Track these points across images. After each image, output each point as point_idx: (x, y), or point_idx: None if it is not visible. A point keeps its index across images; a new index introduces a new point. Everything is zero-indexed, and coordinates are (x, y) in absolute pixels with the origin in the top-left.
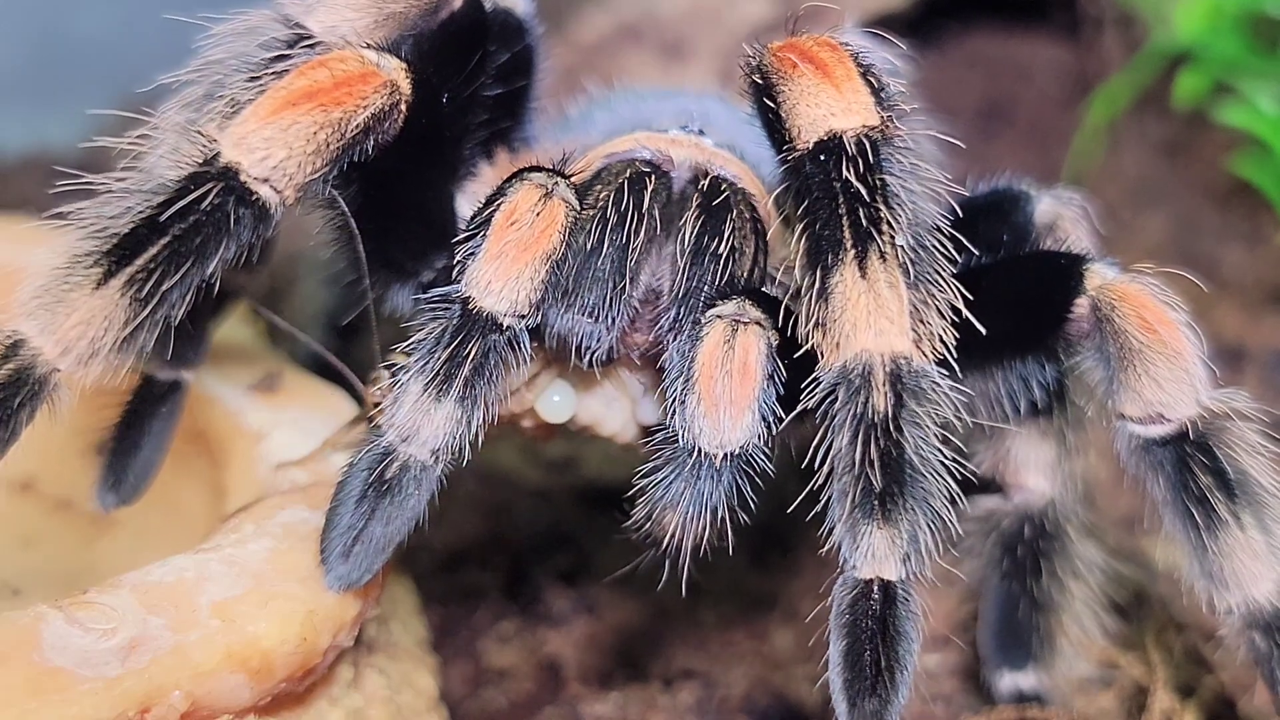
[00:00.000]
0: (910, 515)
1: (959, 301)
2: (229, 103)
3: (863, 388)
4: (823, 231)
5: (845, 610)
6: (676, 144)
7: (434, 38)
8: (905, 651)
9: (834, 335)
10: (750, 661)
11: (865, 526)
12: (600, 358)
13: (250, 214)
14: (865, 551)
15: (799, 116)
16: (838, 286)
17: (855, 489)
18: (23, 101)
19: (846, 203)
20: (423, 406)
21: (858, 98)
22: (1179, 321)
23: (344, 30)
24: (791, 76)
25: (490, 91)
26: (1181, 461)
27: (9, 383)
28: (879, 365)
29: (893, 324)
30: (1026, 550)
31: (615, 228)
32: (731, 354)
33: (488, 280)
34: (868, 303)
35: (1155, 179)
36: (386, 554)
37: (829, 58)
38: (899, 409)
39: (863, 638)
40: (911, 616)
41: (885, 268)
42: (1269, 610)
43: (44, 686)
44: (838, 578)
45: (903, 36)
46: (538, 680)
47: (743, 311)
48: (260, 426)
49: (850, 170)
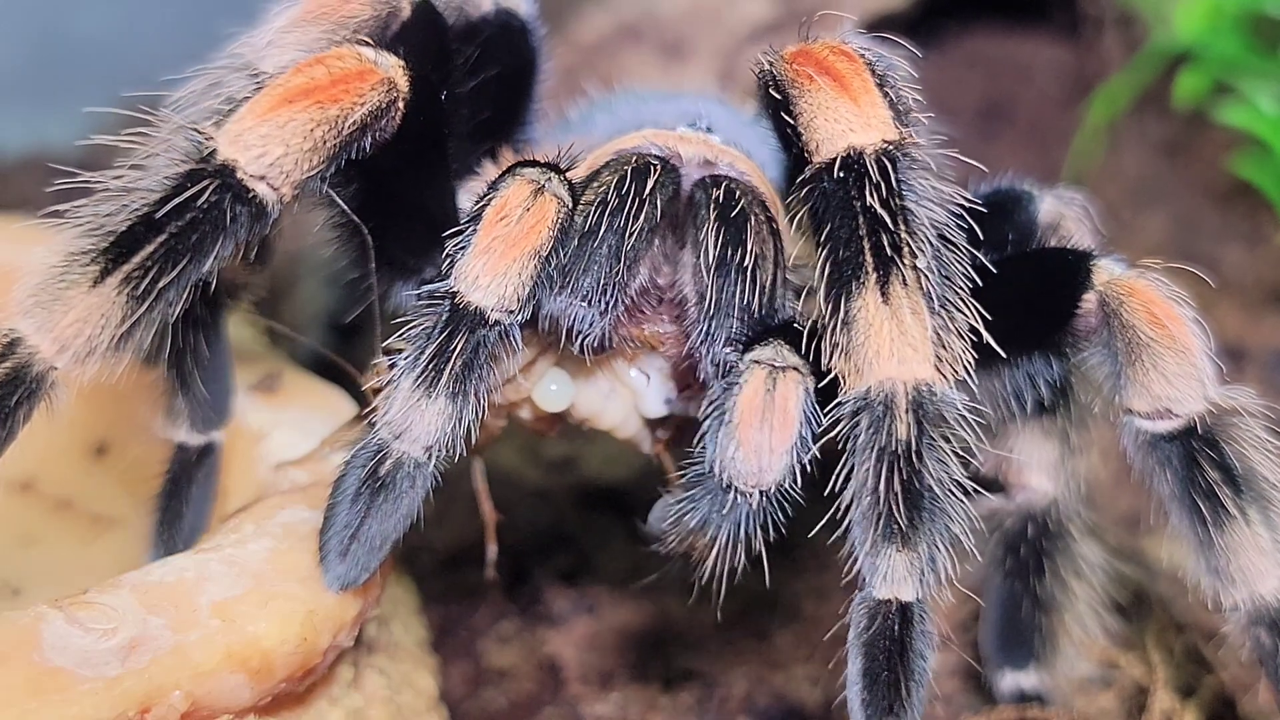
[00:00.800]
0: (929, 538)
1: (979, 323)
2: (226, 100)
3: (885, 415)
4: (843, 255)
5: (864, 630)
6: (685, 141)
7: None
8: (921, 670)
9: (856, 361)
10: (750, 661)
11: (885, 549)
12: (592, 344)
13: (247, 212)
14: (885, 574)
15: (816, 131)
16: (860, 313)
17: (877, 515)
18: (22, 101)
19: (867, 225)
20: (414, 403)
21: (876, 111)
22: (1186, 317)
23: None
24: (808, 89)
25: (492, 90)
26: (1189, 456)
27: (6, 381)
28: (902, 393)
29: (916, 351)
30: (1029, 550)
31: (614, 211)
32: (771, 403)
33: (476, 275)
34: (891, 330)
35: (1155, 179)
36: (384, 552)
37: (846, 69)
38: (921, 437)
39: (880, 658)
40: (927, 636)
41: (908, 293)
42: (1275, 607)
43: (44, 686)
44: (855, 596)
45: (903, 36)
46: (538, 680)
47: (780, 356)
48: (260, 426)
49: (872, 194)
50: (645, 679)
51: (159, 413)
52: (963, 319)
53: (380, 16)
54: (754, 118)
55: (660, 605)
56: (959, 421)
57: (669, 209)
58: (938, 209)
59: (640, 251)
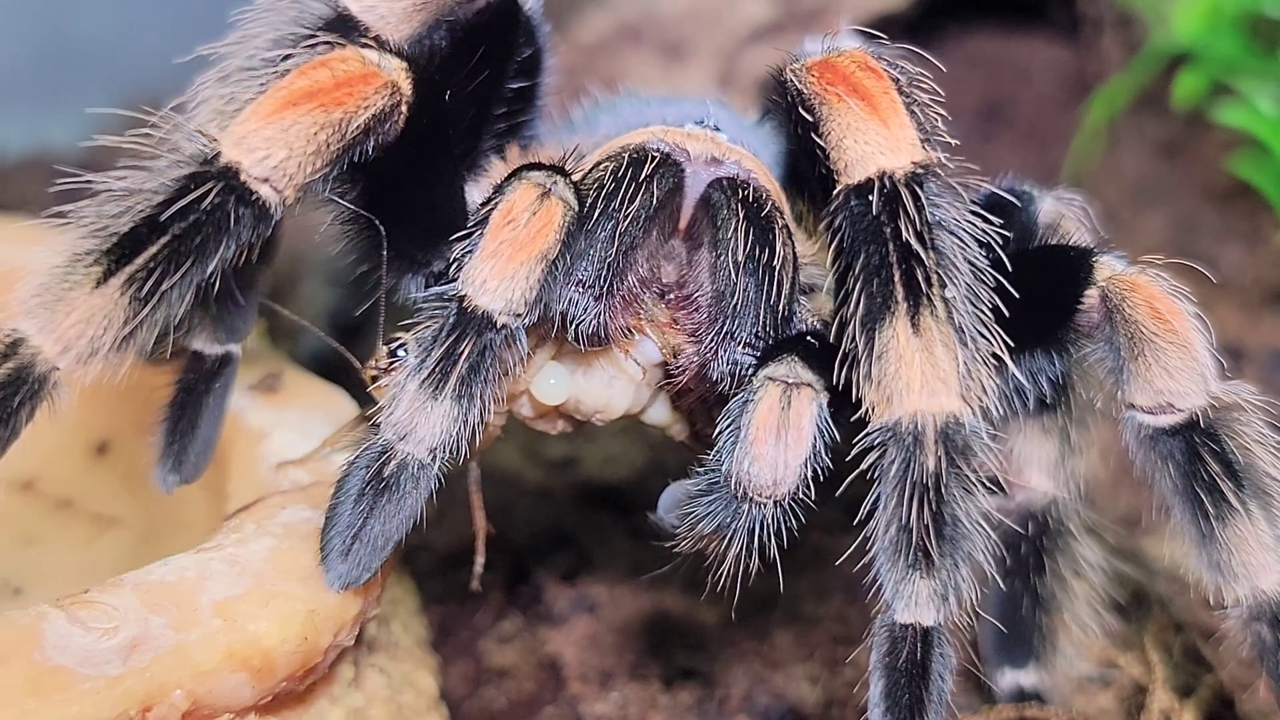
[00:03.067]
0: (951, 565)
1: (1004, 352)
2: (230, 101)
3: (914, 446)
4: (872, 282)
5: (886, 653)
6: (692, 138)
7: (466, 27)
8: (941, 692)
9: (886, 391)
10: (750, 661)
11: (910, 576)
12: (586, 331)
13: (250, 214)
14: (908, 599)
15: (846, 151)
16: (891, 344)
17: (904, 544)
18: (24, 101)
19: (899, 253)
20: (420, 404)
21: (905, 134)
22: (1188, 312)
23: (382, 10)
24: (837, 108)
25: (500, 86)
26: (1191, 450)
27: (9, 381)
28: (931, 426)
29: (945, 385)
30: (1029, 548)
31: (609, 196)
32: (786, 420)
33: (483, 279)
34: (921, 363)
35: (1154, 179)
36: (386, 552)
37: (874, 88)
38: (948, 468)
39: (902, 680)
40: (946, 659)
41: (938, 325)
42: (1276, 602)
43: (45, 685)
44: (876, 620)
45: (902, 37)
46: (538, 680)
47: (794, 373)
48: (261, 426)
49: (904, 223)
50: (645, 678)
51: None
52: (986, 345)
53: None
54: (757, 122)
55: (660, 604)
56: (985, 451)
57: (668, 200)
58: (963, 232)
59: (636, 238)
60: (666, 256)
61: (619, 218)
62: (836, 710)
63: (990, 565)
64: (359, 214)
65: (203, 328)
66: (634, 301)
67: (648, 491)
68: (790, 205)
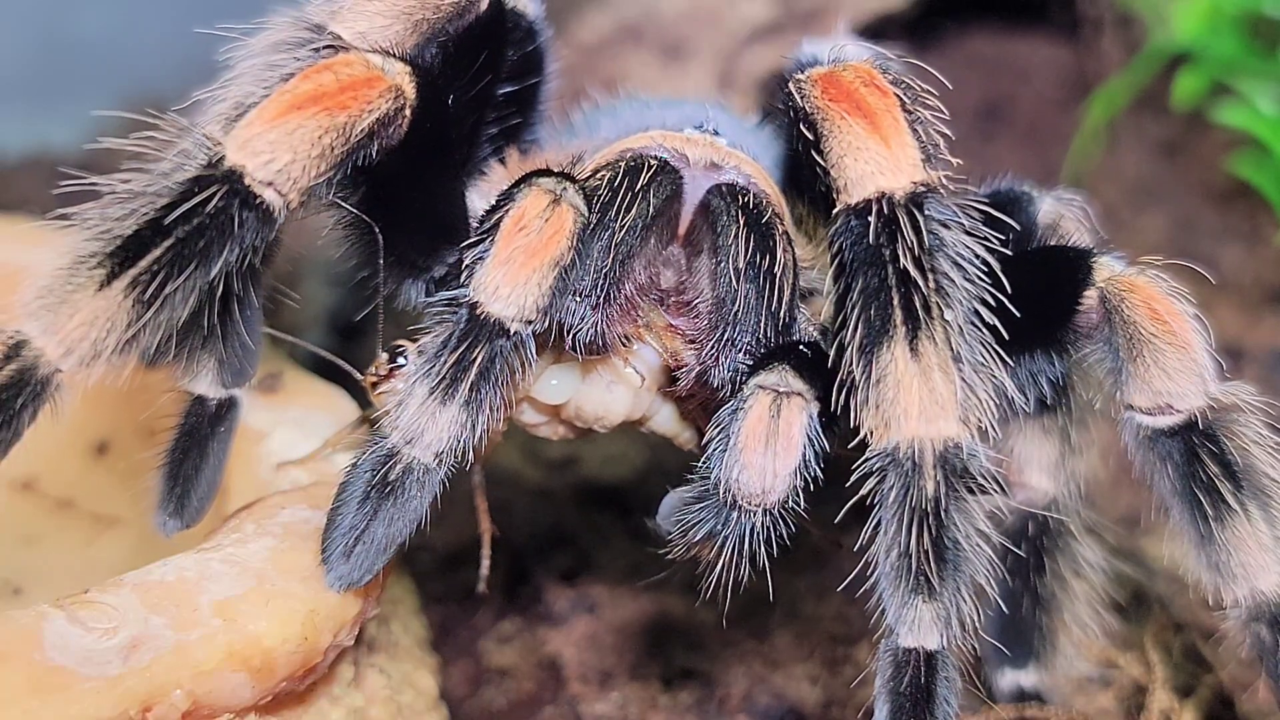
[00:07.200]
0: (953, 589)
1: (1004, 375)
2: (234, 105)
3: (913, 472)
4: (870, 306)
5: (890, 677)
6: (691, 143)
7: (458, 40)
8: (945, 715)
9: (885, 416)
10: (750, 661)
11: (912, 601)
12: (584, 340)
13: (254, 217)
14: (911, 624)
15: (846, 170)
16: (889, 368)
17: (905, 569)
18: (25, 102)
19: (897, 278)
20: (428, 409)
21: (906, 154)
22: (1187, 313)
23: (375, 37)
24: (838, 127)
25: (502, 91)
26: (1190, 451)
27: (11, 383)
28: (929, 451)
29: (944, 410)
30: (1029, 548)
31: (606, 205)
32: (776, 429)
33: (496, 285)
34: (920, 388)
35: (1154, 179)
36: (388, 554)
37: (878, 105)
38: (949, 493)
39: (907, 705)
40: (950, 683)
41: (936, 350)
42: (1275, 602)
43: (46, 685)
44: (880, 645)
45: (901, 37)
46: (538, 680)
47: (784, 382)
48: (261, 426)
49: (902, 248)
50: (645, 678)
51: (179, 364)
52: (986, 372)
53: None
54: (757, 124)
55: (660, 605)
56: (985, 473)
57: (666, 207)
58: (964, 253)
59: (633, 247)
60: (665, 263)
61: (615, 227)
62: (836, 710)
63: (993, 589)
64: (361, 218)
65: (208, 370)
66: (632, 309)
67: (648, 492)
68: (790, 208)
